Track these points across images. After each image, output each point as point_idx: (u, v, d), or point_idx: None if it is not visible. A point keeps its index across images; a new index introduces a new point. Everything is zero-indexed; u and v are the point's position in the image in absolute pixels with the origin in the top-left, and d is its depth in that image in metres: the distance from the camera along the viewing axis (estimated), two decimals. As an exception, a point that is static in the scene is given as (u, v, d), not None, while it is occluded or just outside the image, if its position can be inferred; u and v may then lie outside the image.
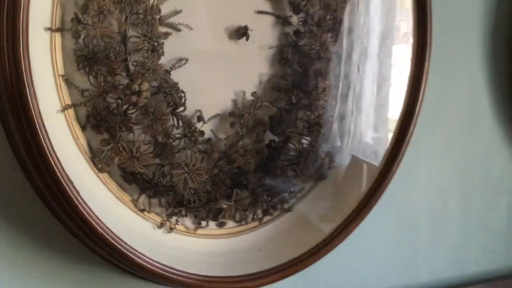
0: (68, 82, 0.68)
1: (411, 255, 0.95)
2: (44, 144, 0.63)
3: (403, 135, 0.79)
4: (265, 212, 0.81)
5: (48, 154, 0.63)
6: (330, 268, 0.86)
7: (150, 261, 0.69)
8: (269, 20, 0.77)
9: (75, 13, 0.66)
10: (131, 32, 0.69)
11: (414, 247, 0.95)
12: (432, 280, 0.97)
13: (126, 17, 0.68)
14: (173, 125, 0.72)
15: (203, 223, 0.78)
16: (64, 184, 0.65)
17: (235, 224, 0.80)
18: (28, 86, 0.62)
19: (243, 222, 0.80)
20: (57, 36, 0.67)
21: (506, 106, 0.98)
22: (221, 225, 0.80)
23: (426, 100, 0.88)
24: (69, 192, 0.65)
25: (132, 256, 0.68)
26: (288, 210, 0.82)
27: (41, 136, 0.63)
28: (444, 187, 0.97)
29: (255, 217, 0.80)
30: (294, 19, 0.78)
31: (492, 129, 0.99)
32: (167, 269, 0.69)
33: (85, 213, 0.66)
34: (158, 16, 0.69)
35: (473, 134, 0.98)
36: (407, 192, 0.93)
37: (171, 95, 0.70)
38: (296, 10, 0.77)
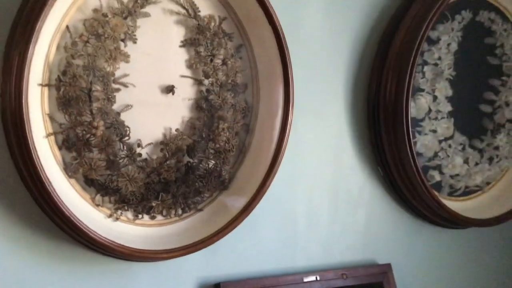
0: (51, 118, 0.99)
1: (290, 247, 1.26)
2: (34, 157, 0.93)
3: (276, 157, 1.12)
4: (183, 211, 1.12)
5: (36, 163, 0.93)
6: (228, 247, 1.16)
7: (100, 236, 0.99)
8: (189, 81, 1.11)
9: (58, 75, 0.98)
10: (94, 88, 1.01)
11: (293, 239, 1.26)
12: (307, 265, 1.28)
13: (91, 80, 1.00)
14: (119, 149, 1.03)
15: (140, 216, 1.08)
16: (46, 184, 0.94)
17: (162, 218, 1.11)
18: (25, 119, 0.93)
19: (168, 217, 1.11)
20: (45, 88, 0.98)
21: (362, 140, 1.31)
22: (152, 218, 1.10)
23: (301, 137, 1.22)
24: (49, 189, 0.94)
25: (89, 232, 0.98)
26: (200, 210, 1.14)
27: (32, 152, 0.93)
28: (316, 198, 1.29)
29: (176, 213, 1.12)
30: (206, 82, 1.11)
31: (352, 157, 1.31)
32: (111, 242, 0.99)
33: (58, 203, 0.96)
34: (112, 78, 1.01)
35: (338, 161, 1.30)
36: (287, 200, 1.24)
37: (119, 129, 1.02)
38: (207, 76, 1.10)
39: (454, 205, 1.39)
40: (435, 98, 1.33)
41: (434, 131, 1.34)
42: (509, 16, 1.41)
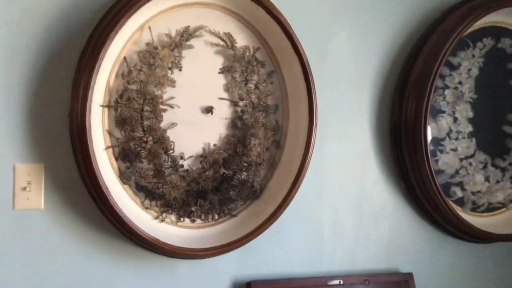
0: (110, 133, 1.17)
1: (316, 252, 1.37)
2: (94, 166, 1.11)
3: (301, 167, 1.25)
4: (219, 216, 1.26)
5: (96, 171, 1.10)
6: (259, 249, 1.29)
7: (148, 234, 1.15)
8: (226, 103, 1.26)
9: (116, 98, 1.16)
10: (145, 108, 1.18)
11: (319, 246, 1.37)
12: (331, 270, 1.38)
13: (143, 102, 1.17)
14: (165, 160, 1.19)
15: (181, 219, 1.24)
16: (103, 188, 1.12)
17: (201, 221, 1.26)
18: (88, 134, 1.10)
19: (206, 221, 1.26)
20: (106, 109, 1.16)
21: (385, 157, 1.41)
22: (192, 221, 1.25)
23: (327, 153, 1.34)
24: (106, 193, 1.12)
25: (138, 231, 1.14)
26: (235, 215, 1.28)
27: (92, 162, 1.11)
28: (342, 208, 1.39)
29: (213, 218, 1.26)
30: (241, 103, 1.26)
31: (376, 173, 1.41)
32: (157, 240, 1.15)
33: (113, 205, 1.13)
34: (160, 100, 1.18)
35: (363, 176, 1.41)
36: (314, 209, 1.36)
37: (165, 143, 1.18)
38: (241, 98, 1.25)
39: (476, 220, 1.45)
40: (455, 119, 1.42)
41: (455, 150, 1.42)
42: (531, 42, 1.48)
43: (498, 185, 1.46)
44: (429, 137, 1.37)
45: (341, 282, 1.35)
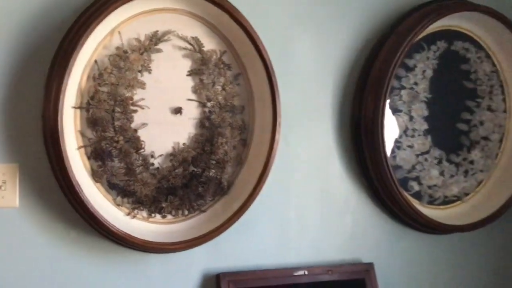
0: (82, 134, 1.21)
1: (282, 245, 1.43)
2: (66, 165, 1.15)
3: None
4: (189, 211, 1.31)
5: (68, 170, 1.15)
6: (228, 243, 1.34)
7: (119, 229, 1.19)
8: (194, 104, 1.31)
9: (87, 100, 1.20)
10: (116, 110, 1.22)
11: (286, 239, 1.43)
12: (297, 262, 1.44)
13: (113, 103, 1.21)
14: (136, 159, 1.24)
15: (153, 214, 1.28)
16: (76, 187, 1.16)
17: (171, 217, 1.30)
18: (61, 135, 1.15)
19: (176, 216, 1.31)
20: (78, 110, 1.20)
21: (347, 154, 1.47)
22: (163, 217, 1.30)
23: (292, 150, 1.40)
24: (78, 191, 1.16)
25: (110, 226, 1.19)
26: (204, 211, 1.33)
27: (65, 161, 1.15)
28: (307, 203, 1.45)
29: (183, 214, 1.31)
30: (208, 104, 1.31)
31: (339, 168, 1.47)
32: (128, 235, 1.20)
33: (85, 202, 1.17)
34: (131, 101, 1.23)
35: (326, 171, 1.47)
36: (281, 204, 1.42)
37: (136, 143, 1.23)
38: (209, 99, 1.31)
39: (433, 212, 1.53)
40: (411, 118, 1.49)
41: (411, 147, 1.50)
42: (483, 45, 1.56)
43: (453, 179, 1.55)
44: (387, 134, 1.44)
45: (306, 273, 1.41)
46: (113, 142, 1.22)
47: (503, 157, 1.61)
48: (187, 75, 1.29)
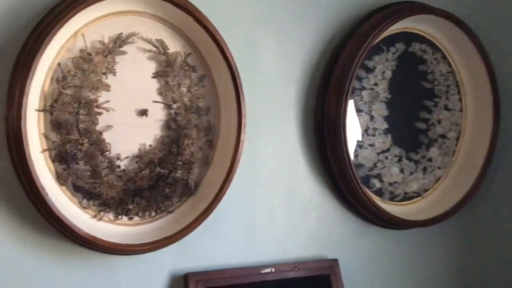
0: (46, 137, 1.20)
1: (250, 244, 1.45)
2: (30, 169, 1.13)
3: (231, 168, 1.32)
4: (156, 212, 1.31)
5: (33, 173, 1.13)
6: (195, 243, 1.35)
7: (85, 232, 1.19)
8: (160, 105, 1.31)
9: (51, 102, 1.19)
10: (80, 112, 1.21)
11: (253, 237, 1.44)
12: (264, 260, 1.46)
13: (78, 106, 1.20)
14: (101, 161, 1.23)
15: (119, 216, 1.28)
16: (40, 190, 1.15)
17: (138, 218, 1.30)
18: (24, 138, 1.13)
19: (143, 218, 1.30)
20: (41, 113, 1.19)
21: (312, 153, 1.50)
22: (130, 219, 1.30)
23: (258, 151, 1.42)
24: (43, 194, 1.15)
25: (75, 230, 1.18)
26: (171, 212, 1.33)
27: (29, 165, 1.13)
28: (273, 202, 1.48)
29: (150, 215, 1.31)
30: (174, 106, 1.31)
31: (303, 168, 1.50)
32: (94, 237, 1.19)
33: (50, 206, 1.16)
34: (95, 104, 1.22)
35: (292, 171, 1.49)
36: (248, 203, 1.43)
37: (101, 145, 1.23)
38: (174, 101, 1.31)
39: (394, 208, 1.58)
40: (372, 117, 1.54)
41: (372, 145, 1.54)
42: (439, 46, 1.62)
43: (412, 176, 1.60)
44: (349, 134, 1.47)
45: (273, 270, 1.43)
46: (77, 145, 1.21)
47: (460, 155, 1.67)
48: (152, 77, 1.29)
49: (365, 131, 1.53)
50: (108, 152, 1.24)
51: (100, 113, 1.24)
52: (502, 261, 1.74)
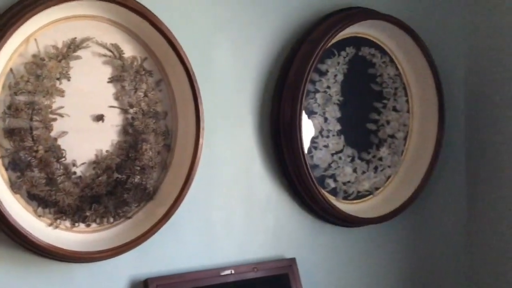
0: (-2, 144, 1.16)
1: (209, 246, 1.45)
2: (-17, 178, 1.10)
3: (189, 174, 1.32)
4: (114, 218, 1.29)
5: (-15, 183, 1.09)
6: (155, 248, 1.34)
7: (42, 241, 1.15)
8: (116, 110, 1.29)
9: (4, 109, 1.15)
10: (34, 118, 1.18)
11: (212, 240, 1.45)
12: (224, 262, 1.47)
13: (31, 111, 1.17)
14: (57, 168, 1.20)
15: (76, 224, 1.25)
16: (-7, 199, 1.11)
17: (96, 225, 1.28)
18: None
19: (101, 224, 1.28)
20: (-7, 120, 1.15)
21: (269, 155, 1.52)
22: (87, 226, 1.27)
23: (216, 154, 1.42)
24: (-4, 203, 1.11)
25: (31, 238, 1.14)
26: (129, 217, 1.32)
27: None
28: (231, 204, 1.49)
29: (108, 221, 1.29)
30: (131, 111, 1.30)
31: (260, 170, 1.52)
32: (51, 245, 1.16)
33: (6, 216, 1.12)
34: (50, 110, 1.19)
35: (249, 173, 1.51)
36: (206, 206, 1.44)
37: (56, 152, 1.19)
38: (131, 106, 1.30)
39: (348, 207, 1.62)
40: (326, 119, 1.57)
41: (327, 146, 1.58)
42: (387, 50, 1.68)
43: (364, 175, 1.65)
44: (304, 136, 1.50)
45: (233, 272, 1.44)
46: (32, 152, 1.17)
47: (408, 154, 1.73)
48: (108, 82, 1.28)
49: (320, 133, 1.56)
50: (63, 159, 1.21)
51: (54, 119, 1.20)
52: (447, 255, 1.82)
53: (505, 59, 1.73)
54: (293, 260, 1.54)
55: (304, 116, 1.51)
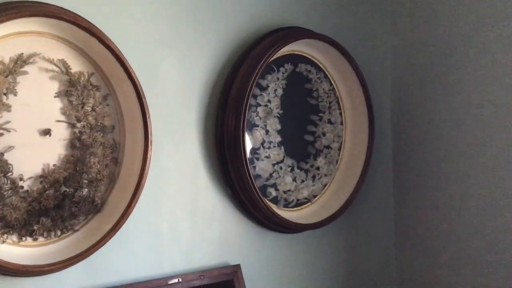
0: None
1: (157, 257, 1.47)
2: None
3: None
4: (62, 232, 1.29)
5: None
6: (104, 260, 1.35)
7: (-12, 257, 1.13)
8: (64, 125, 1.29)
9: None
10: (-20, 133, 1.16)
11: (160, 250, 1.47)
12: (171, 271, 1.50)
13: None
14: (4, 183, 1.19)
15: (23, 238, 1.24)
16: None
17: (43, 239, 1.27)
18: None
19: (48, 238, 1.27)
20: None
21: (213, 167, 1.57)
22: (35, 240, 1.26)
23: (163, 167, 1.45)
24: None
25: (-23, 255, 1.12)
26: (77, 230, 1.31)
27: None
28: (178, 216, 1.52)
29: (56, 235, 1.28)
30: (78, 125, 1.30)
31: (206, 181, 1.56)
32: (-2, 261, 1.14)
33: (-51, 232, 1.09)
34: (-4, 125, 1.18)
35: (195, 185, 1.55)
36: (153, 218, 1.46)
37: (3, 166, 1.18)
38: (79, 120, 1.31)
39: (288, 214, 1.69)
40: (267, 131, 1.65)
41: (268, 157, 1.65)
42: (322, 67, 1.78)
43: (303, 184, 1.73)
44: (247, 147, 1.57)
45: (180, 280, 1.46)
46: (-23, 167, 1.15)
47: (342, 163, 1.84)
48: (55, 96, 1.28)
49: (261, 144, 1.63)
50: (10, 173, 1.20)
51: (1, 134, 1.19)
52: (378, 255, 1.93)
53: (427, 72, 1.88)
54: (238, 267, 1.59)
55: (247, 128, 1.58)
